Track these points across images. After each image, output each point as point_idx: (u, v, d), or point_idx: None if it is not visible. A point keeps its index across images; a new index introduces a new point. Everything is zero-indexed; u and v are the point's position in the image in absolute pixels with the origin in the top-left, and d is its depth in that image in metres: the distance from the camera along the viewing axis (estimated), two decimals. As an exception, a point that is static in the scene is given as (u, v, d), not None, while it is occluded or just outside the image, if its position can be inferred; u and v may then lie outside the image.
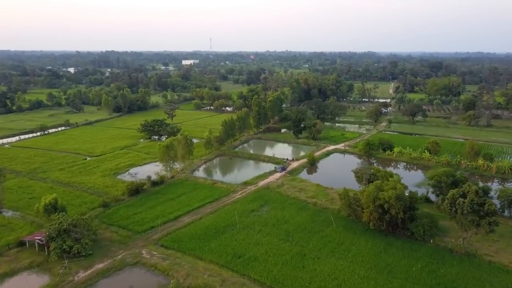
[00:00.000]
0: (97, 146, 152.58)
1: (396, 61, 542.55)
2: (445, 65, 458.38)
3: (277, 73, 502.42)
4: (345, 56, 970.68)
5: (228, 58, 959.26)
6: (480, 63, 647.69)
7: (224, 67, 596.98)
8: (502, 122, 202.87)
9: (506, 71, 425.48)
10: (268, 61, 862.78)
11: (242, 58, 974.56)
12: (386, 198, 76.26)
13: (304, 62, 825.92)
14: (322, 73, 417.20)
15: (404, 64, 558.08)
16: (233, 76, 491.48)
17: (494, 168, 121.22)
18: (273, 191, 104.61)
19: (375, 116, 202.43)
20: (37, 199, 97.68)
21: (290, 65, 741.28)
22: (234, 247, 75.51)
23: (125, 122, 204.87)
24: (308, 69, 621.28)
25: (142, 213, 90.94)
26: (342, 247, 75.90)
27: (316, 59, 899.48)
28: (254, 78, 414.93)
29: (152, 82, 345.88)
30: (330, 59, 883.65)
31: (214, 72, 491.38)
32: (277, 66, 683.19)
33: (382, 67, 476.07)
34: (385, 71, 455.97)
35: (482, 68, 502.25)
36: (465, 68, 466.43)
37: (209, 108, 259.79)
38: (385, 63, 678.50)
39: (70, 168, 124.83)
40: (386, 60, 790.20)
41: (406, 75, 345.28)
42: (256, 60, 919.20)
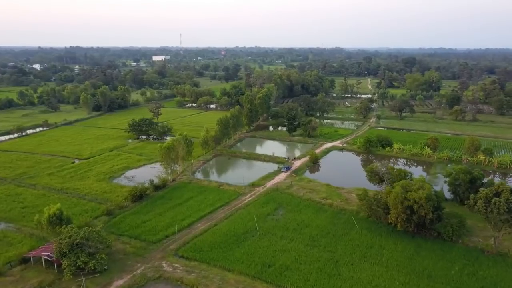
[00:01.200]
0: (84, 148, 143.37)
1: (370, 57, 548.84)
2: (418, 60, 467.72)
3: (253, 69, 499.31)
4: (316, 52, 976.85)
5: (199, 54, 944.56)
6: (448, 59, 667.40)
7: (198, 63, 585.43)
8: (486, 116, 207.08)
9: (476, 66, 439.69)
10: (240, 56, 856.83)
11: (213, 54, 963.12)
12: (416, 199, 73.76)
13: (276, 58, 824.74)
14: (299, 69, 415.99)
15: (376, 59, 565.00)
16: (208, 72, 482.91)
17: (495, 163, 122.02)
18: (284, 193, 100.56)
19: (364, 112, 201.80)
20: (30, 209, 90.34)
21: (263, 61, 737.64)
22: (260, 255, 70.99)
23: (108, 122, 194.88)
24: (283, 65, 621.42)
25: (151, 220, 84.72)
26: (372, 251, 72.89)
27: (288, 55, 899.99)
28: (232, 74, 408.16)
29: (128, 79, 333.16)
30: (302, 55, 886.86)
31: (189, 68, 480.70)
32: (250, 62, 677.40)
33: (357, 63, 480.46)
34: (361, 67, 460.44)
35: (451, 64, 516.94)
36: (436, 64, 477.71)
37: (191, 106, 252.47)
38: (356, 58, 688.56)
39: (60, 173, 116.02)
40: (355, 56, 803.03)
41: (384, 71, 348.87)
42: (228, 56, 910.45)
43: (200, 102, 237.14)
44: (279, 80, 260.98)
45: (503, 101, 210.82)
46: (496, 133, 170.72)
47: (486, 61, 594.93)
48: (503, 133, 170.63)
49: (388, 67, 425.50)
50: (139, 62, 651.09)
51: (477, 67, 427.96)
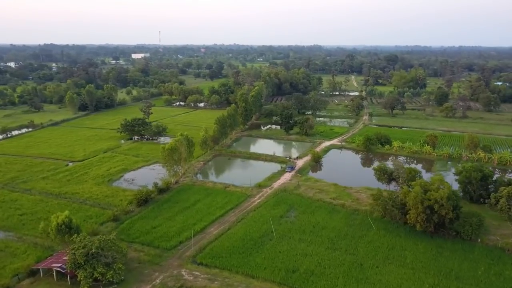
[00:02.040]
0: (76, 150, 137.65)
1: (353, 55, 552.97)
2: (400, 58, 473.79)
3: (237, 66, 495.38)
4: (296, 50, 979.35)
5: (178, 52, 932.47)
6: (426, 56, 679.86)
7: (180, 61, 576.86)
8: (474, 113, 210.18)
9: (456, 63, 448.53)
10: (220, 54, 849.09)
11: (193, 52, 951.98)
12: (438, 198, 72.80)
13: (257, 55, 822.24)
14: (284, 67, 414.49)
15: (357, 57, 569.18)
16: (192, 70, 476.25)
17: (495, 160, 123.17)
18: (293, 194, 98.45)
19: (356, 109, 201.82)
20: (29, 216, 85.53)
21: (245, 58, 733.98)
22: (282, 260, 68.65)
23: (96, 122, 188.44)
24: (266, 62, 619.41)
25: (162, 226, 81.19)
26: (394, 252, 71.57)
27: (269, 52, 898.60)
28: (216, 72, 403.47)
29: (111, 77, 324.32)
30: (283, 52, 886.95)
31: (172, 66, 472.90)
32: (232, 59, 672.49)
33: (340, 61, 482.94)
34: (344, 64, 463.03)
35: (430, 61, 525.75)
36: (417, 61, 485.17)
37: (178, 104, 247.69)
38: (336, 56, 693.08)
39: (55, 176, 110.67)
40: (335, 53, 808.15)
41: (370, 68, 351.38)
42: (208, 53, 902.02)
43: (190, 101, 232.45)
44: (268, 78, 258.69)
45: (491, 98, 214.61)
46: (487, 130, 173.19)
47: (462, 58, 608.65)
48: (494, 130, 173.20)
49: (371, 65, 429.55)
50: (118, 60, 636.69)
51: (457, 64, 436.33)
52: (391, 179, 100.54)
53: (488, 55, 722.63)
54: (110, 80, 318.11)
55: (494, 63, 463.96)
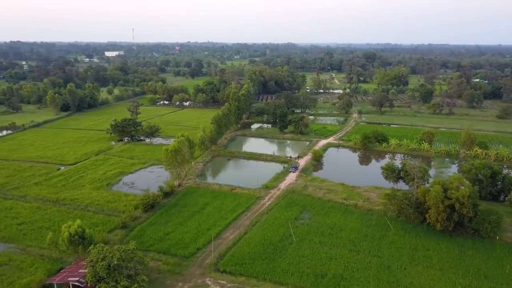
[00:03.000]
0: (66, 153, 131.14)
1: (331, 52, 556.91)
2: (378, 56, 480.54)
3: (216, 64, 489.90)
4: (272, 48, 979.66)
5: (153, 49, 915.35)
6: (401, 53, 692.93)
7: (157, 59, 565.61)
8: (459, 110, 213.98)
9: (432, 61, 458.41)
10: (196, 52, 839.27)
11: (167, 49, 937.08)
12: (460, 197, 72.36)
13: (234, 53, 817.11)
14: (266, 64, 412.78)
15: (335, 55, 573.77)
16: (170, 68, 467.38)
17: (492, 156, 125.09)
18: (302, 195, 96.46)
19: (346, 107, 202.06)
20: (29, 225, 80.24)
21: (222, 56, 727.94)
22: (308, 265, 66.50)
23: (81, 122, 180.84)
24: (245, 60, 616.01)
25: (175, 232, 77.53)
26: (418, 253, 70.64)
27: (245, 50, 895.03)
28: (197, 70, 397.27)
29: (89, 76, 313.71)
30: (259, 50, 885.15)
31: (150, 64, 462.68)
32: (210, 57, 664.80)
33: (319, 58, 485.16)
34: (323, 62, 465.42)
35: (405, 58, 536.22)
36: (394, 59, 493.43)
37: (162, 103, 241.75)
38: (312, 53, 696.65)
39: (48, 182, 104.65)
40: (310, 51, 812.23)
41: (351, 66, 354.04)
42: (183, 51, 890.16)
43: (176, 100, 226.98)
44: (254, 76, 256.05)
45: (474, 94, 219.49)
46: (476, 126, 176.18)
47: (435, 56, 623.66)
48: (482, 126, 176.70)
49: (351, 62, 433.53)
50: (92, 59, 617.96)
51: (433, 62, 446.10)
52: (399, 177, 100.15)
53: (458, 53, 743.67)
54: (89, 79, 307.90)
55: (468, 61, 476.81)
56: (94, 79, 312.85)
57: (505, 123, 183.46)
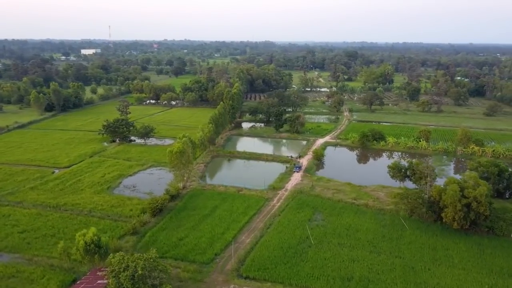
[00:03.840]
0: (58, 155, 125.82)
1: (313, 51, 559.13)
2: (360, 54, 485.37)
3: (198, 62, 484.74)
4: (252, 46, 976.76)
5: (130, 47, 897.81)
6: (379, 52, 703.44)
7: (136, 57, 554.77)
8: (446, 107, 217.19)
9: (412, 59, 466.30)
10: (175, 50, 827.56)
11: (145, 47, 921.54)
12: (478, 196, 72.48)
13: (214, 51, 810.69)
14: (249, 62, 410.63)
15: (315, 53, 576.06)
16: (152, 66, 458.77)
17: (489, 153, 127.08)
18: (311, 195, 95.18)
19: (338, 106, 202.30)
20: (32, 233, 76.16)
21: (202, 54, 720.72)
22: (332, 268, 65.17)
23: (68, 123, 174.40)
24: (225, 58, 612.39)
25: (189, 237, 74.83)
26: (439, 253, 70.36)
27: (225, 48, 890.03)
28: (181, 68, 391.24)
29: (70, 74, 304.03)
30: (239, 48, 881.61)
31: (131, 62, 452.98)
32: (190, 55, 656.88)
33: (302, 57, 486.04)
34: (306, 60, 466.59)
35: (384, 56, 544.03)
36: (375, 57, 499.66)
37: (149, 102, 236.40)
38: (292, 52, 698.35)
39: (44, 186, 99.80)
40: (290, 49, 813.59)
41: (336, 65, 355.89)
42: (162, 49, 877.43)
43: (164, 99, 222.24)
44: (242, 74, 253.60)
45: (461, 92, 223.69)
46: (466, 123, 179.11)
47: (412, 54, 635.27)
48: (472, 123, 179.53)
49: (333, 61, 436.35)
50: (69, 56, 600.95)
51: (413, 60, 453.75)
52: (406, 176, 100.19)
53: (434, 51, 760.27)
54: (69, 78, 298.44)
55: (446, 59, 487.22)
56: (75, 78, 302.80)
57: (493, 120, 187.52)
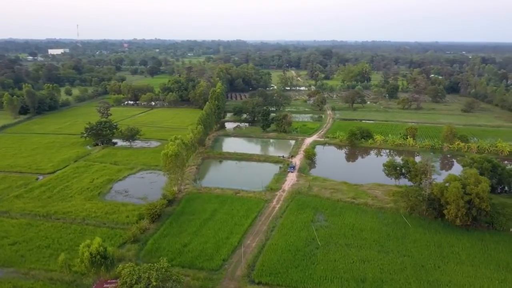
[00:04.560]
0: (39, 160, 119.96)
1: (288, 49, 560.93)
2: (334, 53, 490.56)
3: (173, 62, 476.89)
4: (225, 45, 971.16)
5: (99, 47, 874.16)
6: (351, 50, 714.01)
7: (108, 57, 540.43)
8: (425, 104, 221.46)
9: (385, 57, 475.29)
10: (147, 49, 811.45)
11: (115, 47, 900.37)
12: (480, 192, 73.49)
13: (187, 50, 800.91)
14: (226, 61, 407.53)
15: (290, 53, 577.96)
16: (125, 66, 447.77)
17: (474, 149, 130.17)
18: (309, 196, 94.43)
19: (321, 104, 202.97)
20: (24, 245, 72.22)
21: (175, 53, 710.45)
22: (344, 269, 64.48)
23: (46, 126, 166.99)
24: (200, 57, 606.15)
25: (192, 243, 72.39)
26: (445, 250, 70.90)
27: (197, 47, 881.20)
28: (156, 68, 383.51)
29: (41, 75, 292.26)
30: (212, 47, 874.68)
31: (104, 62, 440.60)
32: (163, 54, 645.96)
33: (278, 56, 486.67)
34: (282, 59, 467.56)
35: (357, 54, 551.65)
36: (349, 56, 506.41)
37: (127, 103, 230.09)
38: (265, 51, 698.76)
39: (30, 194, 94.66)
40: (263, 48, 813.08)
41: (313, 63, 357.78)
42: (133, 48, 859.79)
43: (144, 100, 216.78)
44: (222, 74, 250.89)
45: (438, 90, 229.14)
46: (447, 120, 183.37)
47: (382, 52, 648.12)
48: (452, 119, 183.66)
49: (308, 59, 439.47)
50: (36, 57, 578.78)
51: (388, 58, 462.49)
52: (401, 173, 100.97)
53: (404, 49, 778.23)
54: (41, 79, 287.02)
55: (417, 57, 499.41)
56: (46, 79, 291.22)
57: (471, 116, 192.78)
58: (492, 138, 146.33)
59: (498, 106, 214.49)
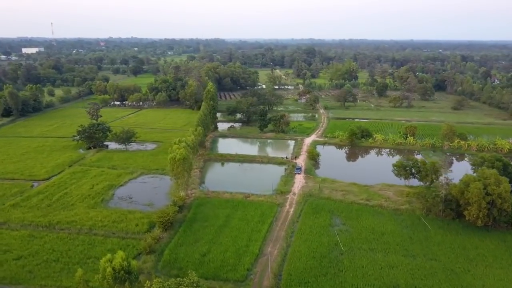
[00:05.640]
0: (32, 166, 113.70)
1: (271, 48, 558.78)
2: (318, 51, 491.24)
3: (155, 61, 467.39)
4: (205, 43, 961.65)
5: (75, 46, 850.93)
6: (331, 48, 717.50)
7: (87, 56, 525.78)
8: (415, 102, 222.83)
9: (367, 56, 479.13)
10: (125, 48, 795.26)
11: (92, 45, 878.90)
12: (502, 193, 72.69)
13: (167, 49, 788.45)
14: (210, 60, 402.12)
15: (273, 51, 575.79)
16: (105, 65, 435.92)
17: (474, 146, 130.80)
18: (321, 198, 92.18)
19: (314, 103, 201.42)
20: (29, 259, 67.44)
21: (155, 52, 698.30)
22: (374, 276, 62.39)
23: (32, 129, 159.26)
24: (182, 56, 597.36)
25: (211, 252, 68.91)
26: (471, 252, 69.72)
27: (177, 46, 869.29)
28: (139, 67, 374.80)
29: (20, 75, 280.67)
30: (192, 46, 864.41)
31: (84, 61, 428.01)
32: (142, 53, 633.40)
33: (261, 54, 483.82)
34: (265, 58, 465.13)
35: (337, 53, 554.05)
36: (332, 54, 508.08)
37: (113, 104, 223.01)
38: (244, 49, 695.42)
39: (27, 202, 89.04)
40: (243, 47, 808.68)
41: (299, 62, 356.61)
42: (110, 47, 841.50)
43: (132, 100, 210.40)
44: (210, 73, 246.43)
45: (427, 88, 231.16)
46: (439, 117, 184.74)
47: (364, 50, 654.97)
48: (444, 117, 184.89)
49: (292, 58, 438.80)
50: (10, 56, 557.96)
51: (371, 56, 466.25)
52: (411, 174, 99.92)
53: (383, 47, 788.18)
54: (20, 79, 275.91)
55: (398, 55, 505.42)
56: (25, 79, 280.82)
57: (462, 114, 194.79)
58: (487, 135, 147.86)
59: (486, 103, 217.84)
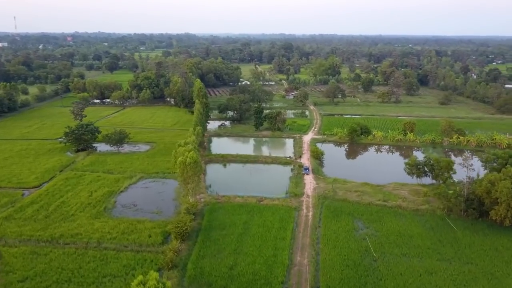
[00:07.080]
0: (18, 172, 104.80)
1: (249, 43, 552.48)
2: (295, 46, 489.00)
3: (130, 56, 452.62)
4: (178, 38, 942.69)
5: (40, 41, 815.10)
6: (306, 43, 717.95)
7: (57, 51, 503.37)
8: (402, 97, 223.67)
9: (345, 51, 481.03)
10: (94, 43, 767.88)
11: (58, 40, 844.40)
12: (534, 192, 71.22)
13: (139, 44, 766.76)
14: (188, 56, 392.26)
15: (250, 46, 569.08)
16: (77, 61, 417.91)
17: (473, 142, 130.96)
18: (337, 200, 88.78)
19: (304, 99, 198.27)
20: (38, 281, 61.35)
21: (126, 47, 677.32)
22: (416, 284, 59.49)
23: (10, 131, 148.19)
24: (153, 52, 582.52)
25: (239, 264, 63.98)
26: (504, 254, 67.81)
27: (149, 41, 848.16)
28: (115, 63, 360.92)
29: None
30: (164, 41, 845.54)
31: (54, 57, 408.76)
32: (114, 49, 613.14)
33: (239, 49, 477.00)
34: (243, 53, 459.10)
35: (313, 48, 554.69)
36: (309, 49, 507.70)
37: (92, 102, 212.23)
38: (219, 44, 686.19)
39: (21, 214, 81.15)
40: (216, 42, 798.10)
41: (280, 57, 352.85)
42: (78, 42, 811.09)
43: (115, 98, 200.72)
44: (194, 69, 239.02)
45: (413, 83, 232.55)
46: (429, 113, 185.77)
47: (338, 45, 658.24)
48: (435, 113, 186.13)
49: (270, 53, 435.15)
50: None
51: (348, 52, 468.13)
52: (423, 172, 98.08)
53: (356, 43, 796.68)
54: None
55: (374, 50, 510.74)
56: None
57: (451, 109, 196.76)
58: (480, 130, 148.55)
59: (470, 98, 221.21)
